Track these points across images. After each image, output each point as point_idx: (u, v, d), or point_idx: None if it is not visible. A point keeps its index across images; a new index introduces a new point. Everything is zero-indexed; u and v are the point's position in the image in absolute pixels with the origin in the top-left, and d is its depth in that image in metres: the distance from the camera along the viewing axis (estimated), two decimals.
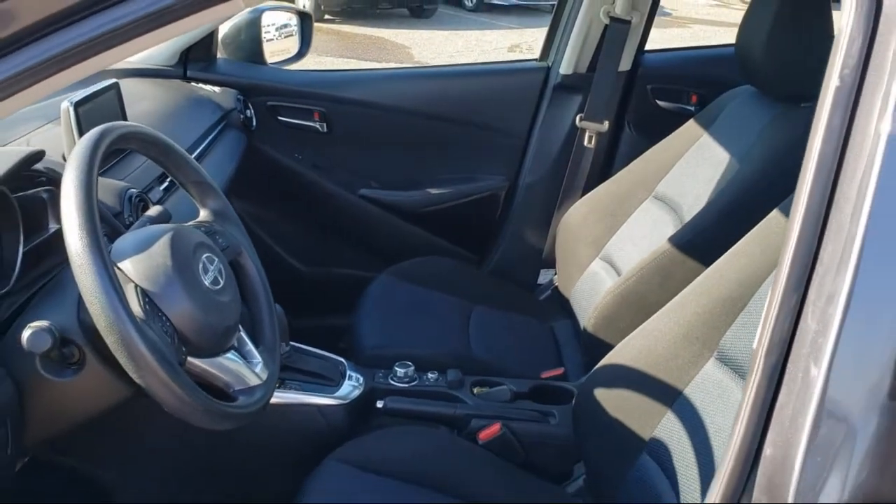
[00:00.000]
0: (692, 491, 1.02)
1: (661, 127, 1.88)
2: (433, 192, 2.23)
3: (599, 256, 1.79)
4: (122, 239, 0.97)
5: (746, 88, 1.66)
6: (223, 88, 2.04)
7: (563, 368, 1.67)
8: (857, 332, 0.61)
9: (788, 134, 1.47)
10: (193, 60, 2.02)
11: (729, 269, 1.13)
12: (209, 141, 1.78)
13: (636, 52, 2.17)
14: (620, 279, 1.55)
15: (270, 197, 2.19)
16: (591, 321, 1.58)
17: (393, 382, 1.50)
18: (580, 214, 1.88)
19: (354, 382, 1.45)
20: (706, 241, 1.43)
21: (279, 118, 2.15)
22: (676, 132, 1.78)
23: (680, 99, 2.23)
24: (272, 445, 1.40)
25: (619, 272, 1.68)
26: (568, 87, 2.17)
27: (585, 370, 1.41)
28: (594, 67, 2.12)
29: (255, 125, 2.08)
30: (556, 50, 2.20)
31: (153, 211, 1.13)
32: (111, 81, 1.43)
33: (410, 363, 1.52)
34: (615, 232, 1.78)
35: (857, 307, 0.61)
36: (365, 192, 2.23)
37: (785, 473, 0.63)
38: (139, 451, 1.37)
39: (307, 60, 2.25)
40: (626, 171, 1.84)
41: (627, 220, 1.78)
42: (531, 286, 2.22)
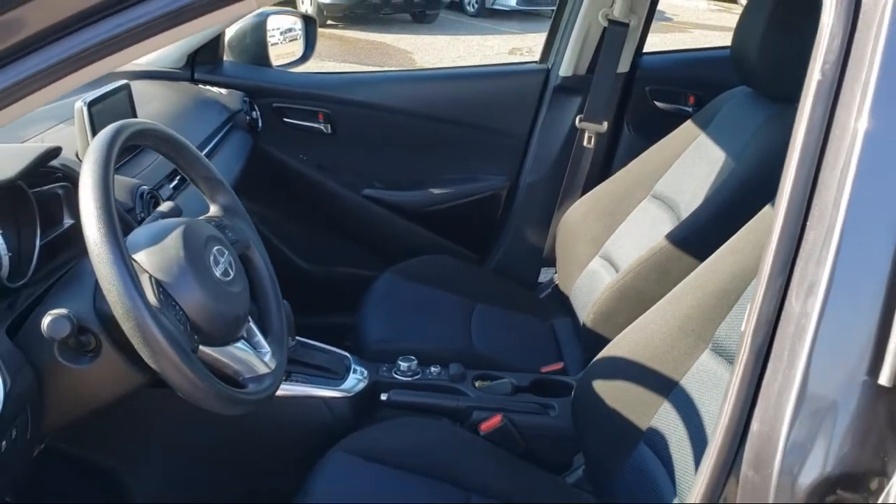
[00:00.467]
0: (688, 477, 1.04)
1: (659, 127, 1.89)
2: (435, 192, 2.25)
3: (599, 254, 1.81)
4: (135, 232, 1.00)
5: (742, 89, 1.68)
6: (229, 90, 2.06)
7: (562, 363, 1.69)
8: (837, 312, 0.64)
9: (782, 133, 1.46)
10: (201, 63, 2.05)
11: (723, 263, 1.15)
12: (216, 141, 1.80)
13: (634, 54, 2.19)
14: (618, 275, 1.57)
15: (276, 197, 2.20)
16: (589, 316, 1.60)
17: (396, 376, 1.52)
18: (580, 213, 1.90)
19: (359, 376, 1.48)
20: (702, 237, 1.44)
21: (284, 119, 2.17)
22: (674, 132, 1.79)
23: (677, 100, 2.26)
24: (279, 436, 1.42)
25: (617, 269, 1.69)
26: (568, 88, 2.19)
27: (585, 365, 1.42)
28: (593, 69, 2.14)
29: (260, 126, 2.10)
30: (555, 52, 2.22)
31: (164, 207, 1.15)
32: (122, 82, 1.45)
33: (414, 357, 1.55)
34: (614, 230, 1.80)
35: (837, 289, 0.64)
36: (369, 192, 2.25)
37: (771, 448, 0.66)
38: (150, 442, 1.39)
39: (310, 65, 2.28)
40: (624, 170, 1.86)
41: (626, 218, 1.79)
42: (532, 284, 2.24)
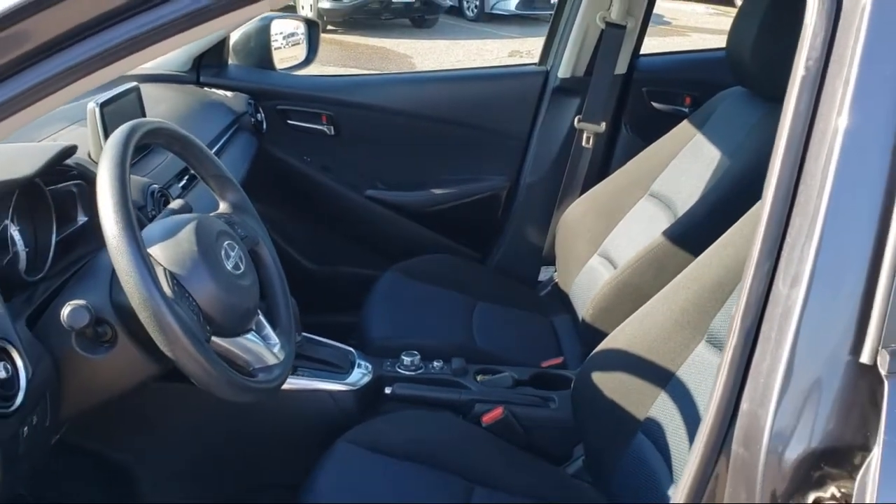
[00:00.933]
0: (683, 463, 1.07)
1: (656, 128, 1.92)
2: (437, 192, 2.28)
3: (597, 252, 1.83)
4: (149, 227, 1.04)
5: (737, 89, 1.70)
6: (235, 93, 2.09)
7: (562, 358, 1.71)
8: (822, 295, 0.68)
9: (775, 131, 1.52)
10: (206, 66, 2.08)
11: (717, 257, 1.17)
12: (222, 143, 1.83)
13: (632, 56, 2.22)
14: (616, 271, 1.60)
15: (280, 197, 2.23)
16: (588, 312, 1.62)
17: (400, 370, 1.55)
18: (579, 212, 1.93)
19: (363, 370, 1.51)
20: (697, 233, 1.45)
21: (288, 122, 2.20)
22: (671, 132, 1.82)
23: (674, 101, 2.29)
24: (286, 429, 1.45)
25: (616, 267, 1.71)
26: (566, 90, 2.22)
27: (584, 360, 1.46)
28: (591, 71, 2.17)
29: (265, 128, 2.12)
30: (554, 54, 2.25)
31: (175, 204, 1.19)
32: (132, 84, 1.49)
33: (417, 352, 1.57)
34: (612, 229, 1.82)
35: (821, 273, 0.67)
36: (371, 192, 2.28)
37: (759, 425, 0.69)
38: (159, 436, 1.42)
39: (310, 69, 2.31)
40: (622, 170, 1.89)
41: (624, 217, 1.82)
42: (532, 283, 2.26)
